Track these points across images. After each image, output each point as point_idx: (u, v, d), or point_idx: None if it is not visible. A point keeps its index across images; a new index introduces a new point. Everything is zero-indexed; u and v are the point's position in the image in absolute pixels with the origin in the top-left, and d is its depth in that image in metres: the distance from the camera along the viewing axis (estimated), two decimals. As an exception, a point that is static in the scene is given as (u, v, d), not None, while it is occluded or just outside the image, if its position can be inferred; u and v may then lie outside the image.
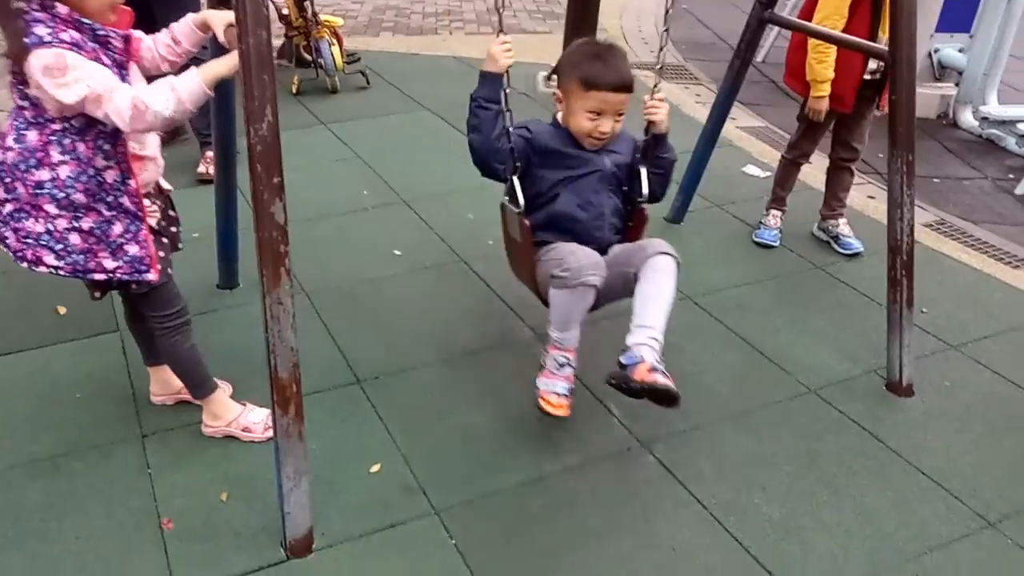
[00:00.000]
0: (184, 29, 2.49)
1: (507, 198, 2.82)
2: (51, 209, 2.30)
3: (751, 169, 5.04)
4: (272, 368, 2.21)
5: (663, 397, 2.51)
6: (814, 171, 5.03)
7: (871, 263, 4.01)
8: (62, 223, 2.32)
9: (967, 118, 6.35)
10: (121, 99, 2.18)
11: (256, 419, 2.80)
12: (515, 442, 2.84)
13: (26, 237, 2.33)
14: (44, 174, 2.26)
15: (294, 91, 5.92)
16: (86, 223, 2.34)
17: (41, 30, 2.13)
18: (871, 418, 3.04)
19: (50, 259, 2.36)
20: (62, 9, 2.16)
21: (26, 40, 2.11)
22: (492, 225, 4.13)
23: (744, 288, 3.82)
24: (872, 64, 3.80)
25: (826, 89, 3.81)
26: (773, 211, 4.31)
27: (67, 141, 2.26)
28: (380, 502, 2.58)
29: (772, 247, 4.19)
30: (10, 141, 2.27)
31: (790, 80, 4.09)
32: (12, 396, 2.94)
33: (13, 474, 2.62)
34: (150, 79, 2.38)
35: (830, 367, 3.30)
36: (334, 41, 5.92)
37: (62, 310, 3.38)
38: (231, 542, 2.41)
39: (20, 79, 2.20)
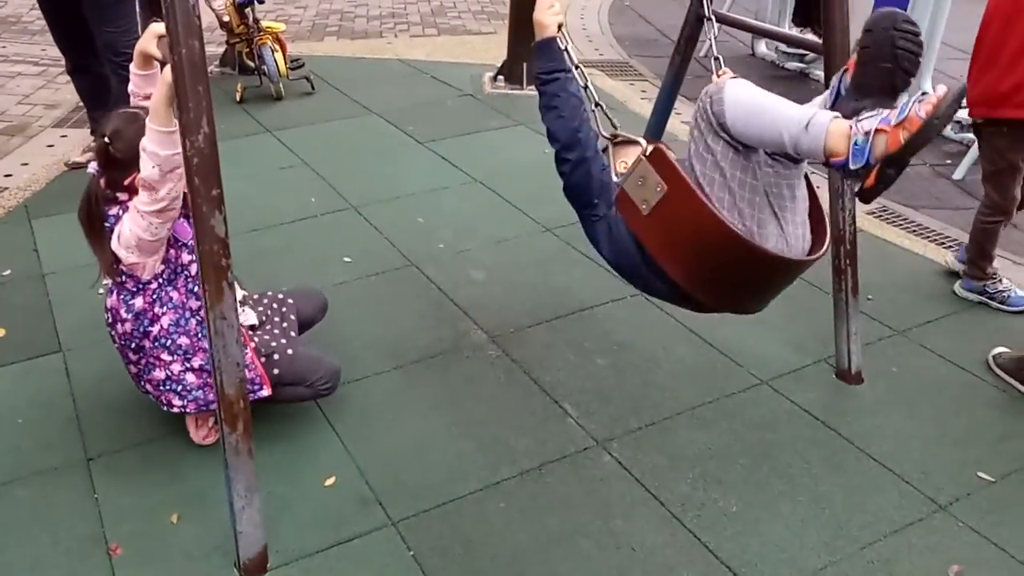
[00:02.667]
0: (141, 82, 2.53)
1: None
2: (166, 357, 2.59)
3: (698, 163, 5.06)
4: (219, 385, 2.17)
5: None
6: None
7: (818, 253, 4.06)
8: (176, 367, 2.60)
9: (906, 106, 6.43)
10: (137, 199, 2.35)
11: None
12: (471, 448, 2.83)
13: (158, 385, 2.63)
14: (155, 328, 2.56)
15: (238, 99, 5.82)
16: (196, 362, 2.61)
17: (114, 210, 2.48)
18: (823, 407, 3.07)
19: (176, 400, 2.64)
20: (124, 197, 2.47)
21: (107, 224, 2.47)
22: (442, 228, 4.13)
23: (694, 282, 3.82)
24: None
25: None
26: (999, 276, 3.73)
27: (163, 294, 2.55)
28: (335, 516, 2.54)
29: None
30: (123, 314, 2.56)
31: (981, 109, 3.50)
32: (-49, 424, 2.85)
33: (-46, 505, 2.55)
34: None
35: (781, 358, 3.33)
36: (277, 47, 5.84)
37: (1, 332, 3.28)
38: (183, 565, 2.37)
39: (117, 260, 2.49)
